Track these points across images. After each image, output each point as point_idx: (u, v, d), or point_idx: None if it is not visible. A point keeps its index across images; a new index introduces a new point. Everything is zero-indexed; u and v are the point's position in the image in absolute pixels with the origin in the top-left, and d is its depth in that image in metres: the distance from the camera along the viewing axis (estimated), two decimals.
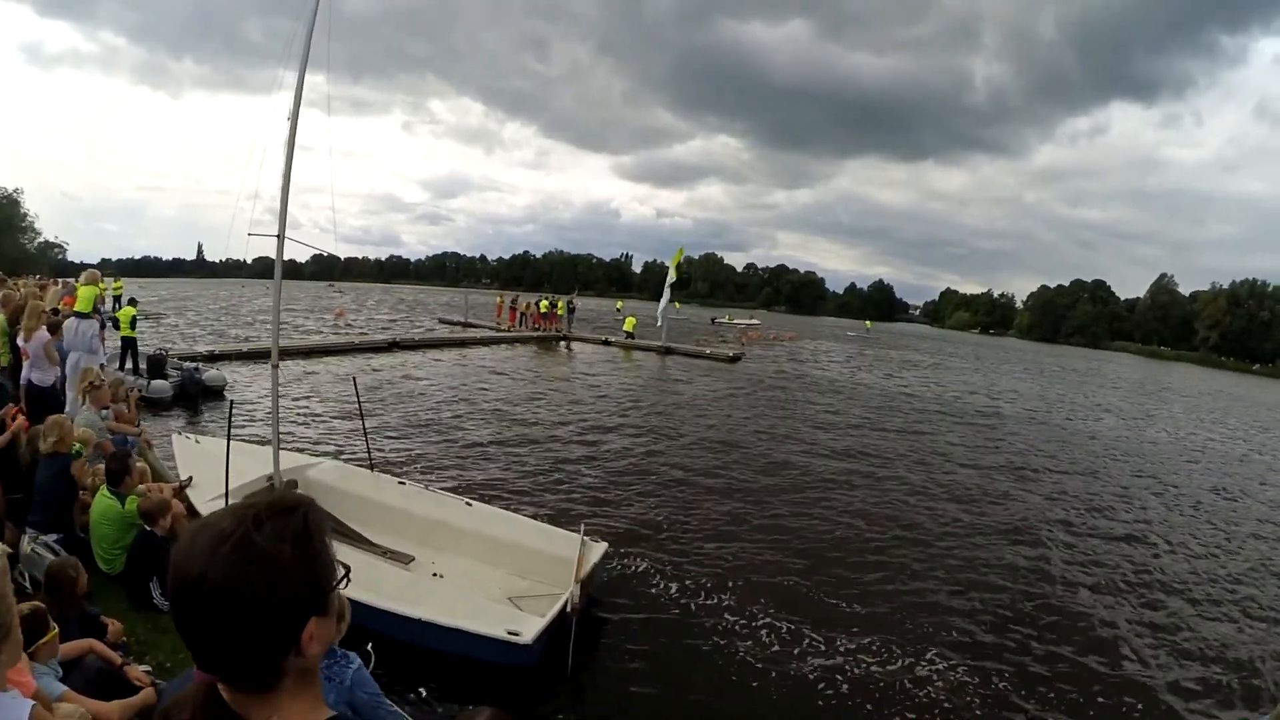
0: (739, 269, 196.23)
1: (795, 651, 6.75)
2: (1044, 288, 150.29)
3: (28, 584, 5.10)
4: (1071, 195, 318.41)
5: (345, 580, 1.16)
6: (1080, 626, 7.94)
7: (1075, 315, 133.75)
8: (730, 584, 8.03)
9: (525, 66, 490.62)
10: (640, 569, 8.26)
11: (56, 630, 3.63)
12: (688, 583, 7.98)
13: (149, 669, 4.52)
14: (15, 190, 67.32)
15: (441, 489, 9.14)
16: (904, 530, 10.48)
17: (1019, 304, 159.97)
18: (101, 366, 9.45)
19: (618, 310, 41.88)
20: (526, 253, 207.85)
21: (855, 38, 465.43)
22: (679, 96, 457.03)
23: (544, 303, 40.59)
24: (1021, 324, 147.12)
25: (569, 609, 5.86)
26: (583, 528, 7.38)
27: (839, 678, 6.36)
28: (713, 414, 18.87)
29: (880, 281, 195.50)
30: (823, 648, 6.84)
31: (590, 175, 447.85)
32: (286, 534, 1.05)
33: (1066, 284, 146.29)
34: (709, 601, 7.61)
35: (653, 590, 7.78)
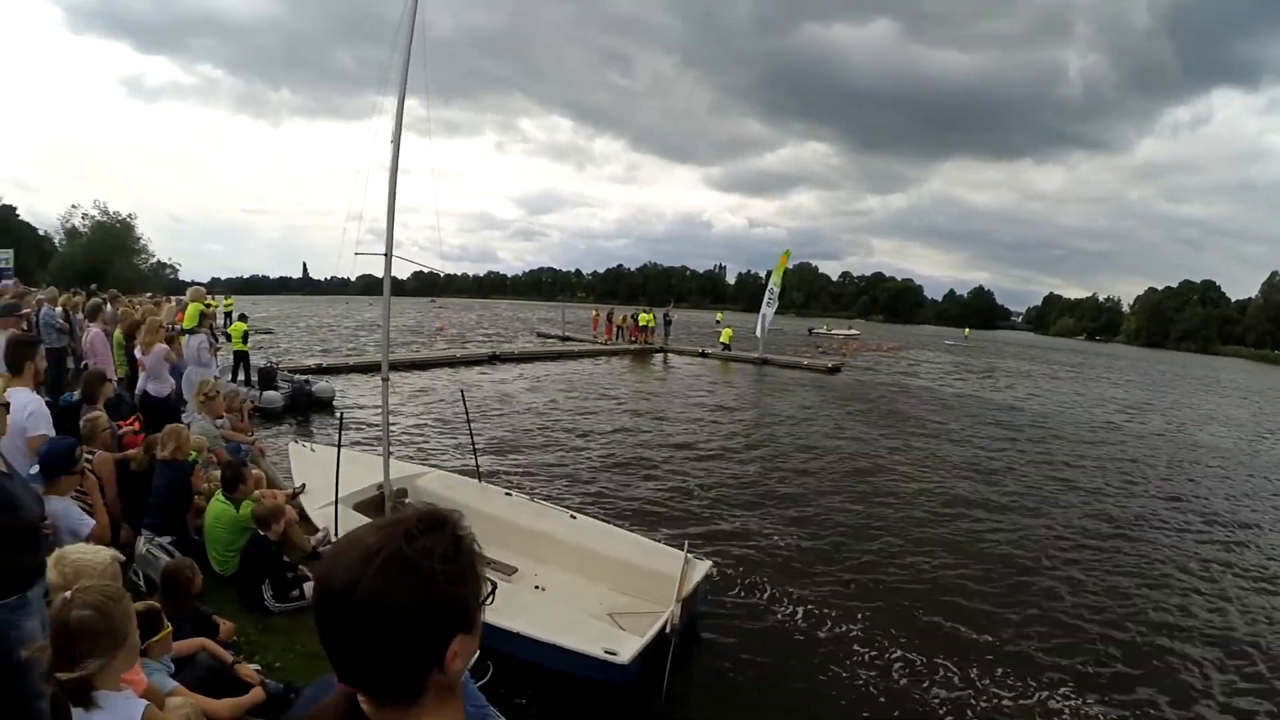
0: (834, 278, 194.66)
1: (904, 681, 6.43)
2: (1151, 290, 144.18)
3: (142, 584, 5.30)
4: (1173, 191, 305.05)
5: (490, 597, 1.13)
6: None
7: (1184, 319, 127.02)
8: (837, 608, 7.71)
9: (610, 82, 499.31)
10: (744, 590, 8.04)
11: (170, 629, 3.72)
12: (791, 605, 7.72)
13: (258, 668, 4.63)
14: (129, 215, 71.05)
15: (546, 501, 9.16)
16: (1026, 553, 9.92)
17: (1125, 308, 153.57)
18: (214, 378, 9.84)
19: (717, 321, 41.88)
20: (620, 266, 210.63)
21: (941, 35, 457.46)
22: (765, 104, 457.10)
23: (643, 316, 40.73)
24: (1129, 329, 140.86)
25: (668, 629, 5.71)
26: (686, 545, 7.22)
27: (952, 709, 6.04)
28: (815, 428, 18.45)
29: (980, 288, 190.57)
30: (938, 678, 6.48)
31: (680, 187, 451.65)
32: (437, 550, 1.04)
33: (1174, 285, 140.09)
34: (813, 626, 7.34)
35: (755, 612, 7.56)
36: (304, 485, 7.74)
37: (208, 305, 13.31)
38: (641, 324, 39.94)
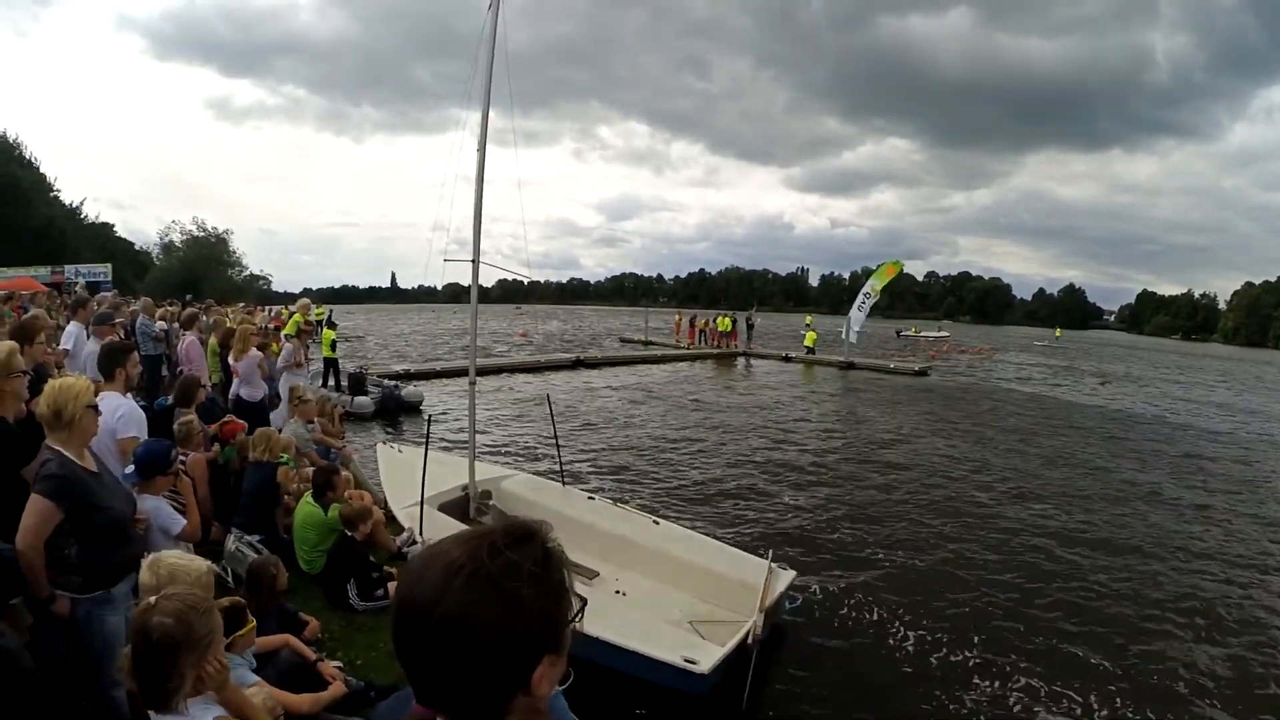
0: (919, 278, 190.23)
1: (996, 699, 6.12)
2: (1249, 285, 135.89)
3: (230, 579, 5.43)
4: (1270, 179, 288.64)
5: (580, 615, 1.05)
6: None
7: None
8: (927, 623, 7.37)
9: (686, 85, 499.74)
10: (829, 601, 7.78)
11: (254, 625, 3.77)
12: (879, 619, 7.44)
13: (340, 664, 4.68)
14: (225, 231, 74.32)
15: (629, 505, 9.10)
16: (1140, 569, 9.33)
17: (1221, 305, 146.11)
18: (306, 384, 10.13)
19: (807, 325, 41.45)
20: (702, 270, 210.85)
21: (1020, 22, 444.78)
22: (843, 102, 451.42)
23: (723, 320, 40.49)
24: (1225, 328, 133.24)
25: (750, 640, 5.58)
26: (770, 553, 7.07)
27: None
28: (904, 434, 17.95)
29: (1071, 286, 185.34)
30: (1034, 698, 6.15)
31: (759, 189, 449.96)
32: (524, 565, 0.97)
33: (1273, 280, 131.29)
34: (902, 640, 7.04)
35: (841, 625, 7.31)
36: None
37: (306, 321, 13.72)
38: (720, 329, 39.67)
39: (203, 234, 71.88)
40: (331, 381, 18.48)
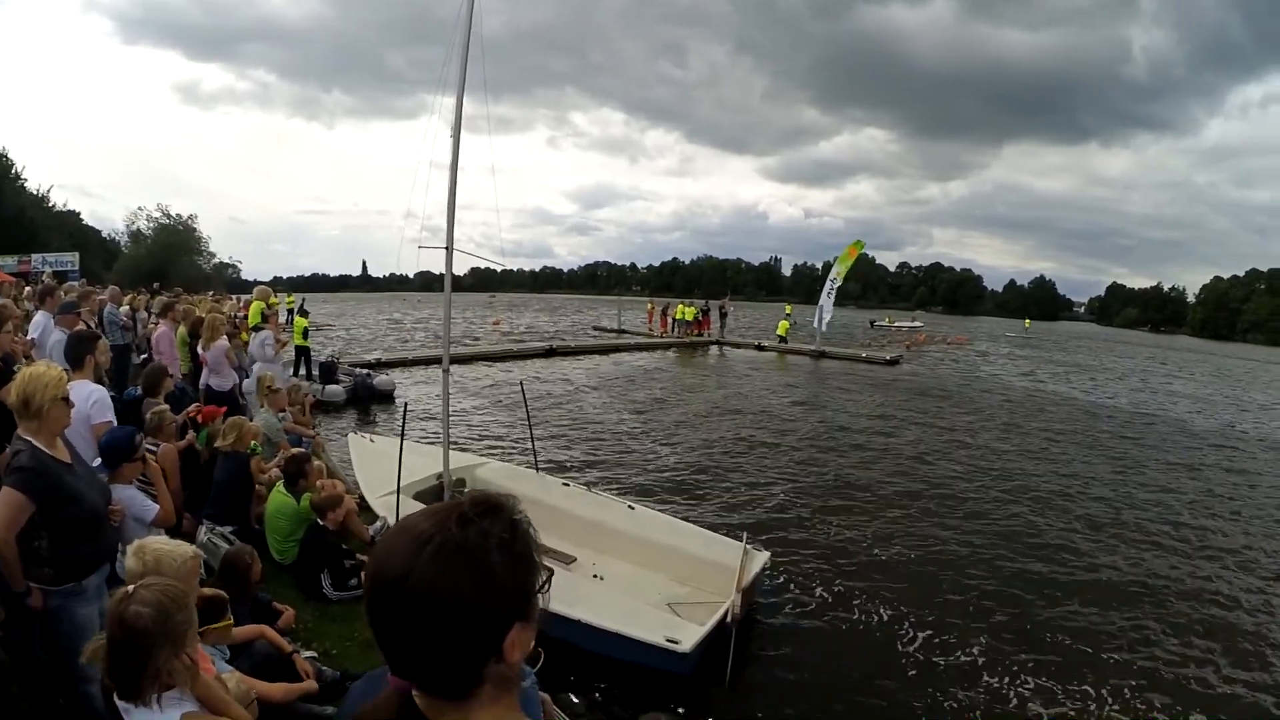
0: (891, 268, 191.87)
1: (969, 673, 6.26)
2: (1217, 280, 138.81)
3: (203, 571, 5.38)
4: (1244, 175, 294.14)
5: (548, 585, 1.08)
6: None
7: (1250, 310, 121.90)
8: (899, 601, 7.54)
9: (664, 73, 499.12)
10: (804, 580, 7.90)
11: (231, 620, 3.75)
12: (853, 597, 7.57)
13: (314, 655, 4.66)
14: (190, 216, 73.40)
15: (604, 491, 9.14)
16: (1104, 553, 9.55)
17: (1190, 298, 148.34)
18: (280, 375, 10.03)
19: (787, 314, 41.69)
20: (675, 259, 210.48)
21: (1002, 13, 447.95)
22: (822, 91, 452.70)
23: (683, 309, 40.48)
24: (1194, 320, 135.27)
25: (729, 619, 5.67)
26: (745, 535, 7.15)
27: (1000, 701, 5.86)
28: (875, 420, 18.12)
29: (1041, 278, 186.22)
30: (1007, 676, 6.26)
31: (735, 179, 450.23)
32: (493, 535, 1.00)
33: (1242, 275, 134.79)
34: (872, 617, 7.19)
35: (816, 603, 7.42)
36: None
37: (269, 305, 13.60)
38: (678, 316, 39.69)
39: (169, 220, 70.98)
40: (303, 370, 18.30)
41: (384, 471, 7.47)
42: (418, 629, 0.96)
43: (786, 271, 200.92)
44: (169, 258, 64.32)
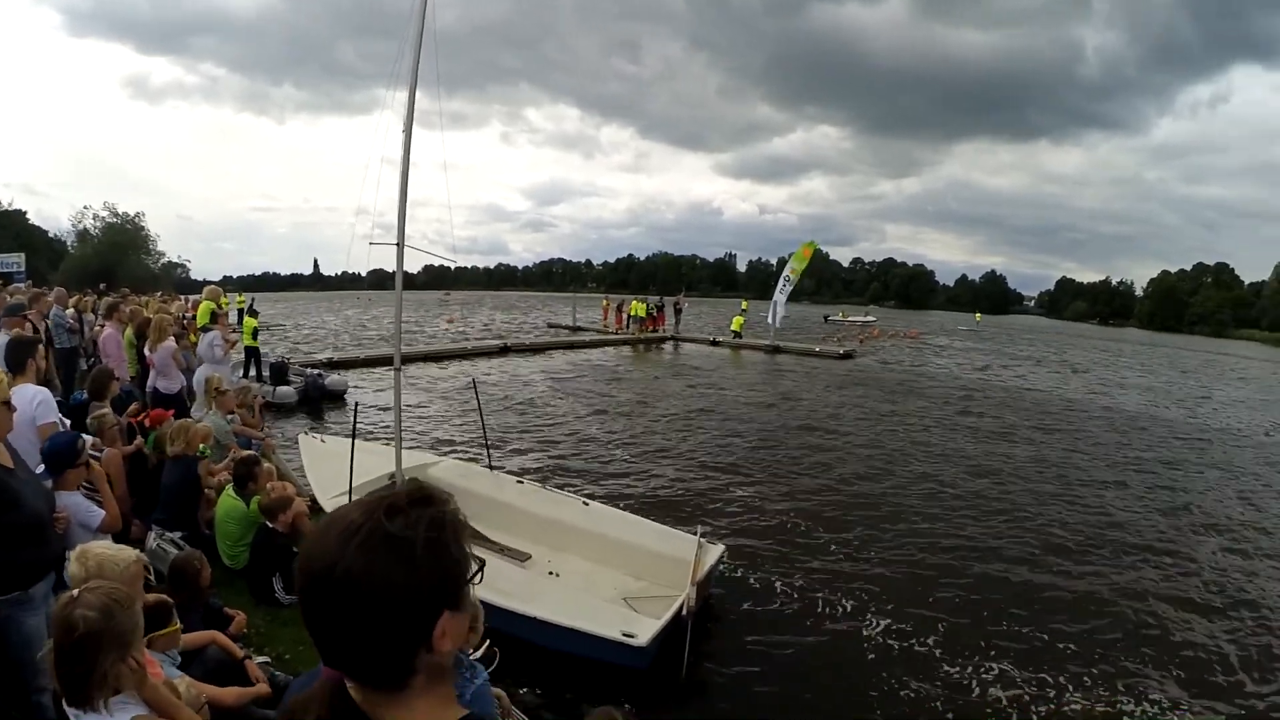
0: (845, 264, 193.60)
1: (918, 661, 6.40)
2: (1165, 274, 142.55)
3: (152, 578, 5.29)
4: (1193, 172, 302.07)
5: (479, 575, 1.09)
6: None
7: (1197, 302, 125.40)
8: (851, 589, 7.69)
9: (618, 69, 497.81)
10: (758, 572, 8.00)
11: (179, 626, 3.70)
12: (806, 587, 7.69)
13: (267, 660, 4.61)
14: (138, 214, 71.18)
15: (558, 488, 9.16)
16: (1044, 540, 9.77)
17: (1139, 291, 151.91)
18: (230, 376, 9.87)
19: (743, 309, 41.98)
20: (631, 256, 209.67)
21: (958, 13, 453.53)
22: (776, 88, 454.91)
23: (636, 305, 40.63)
24: (1141, 313, 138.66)
25: (684, 611, 5.73)
26: (699, 529, 7.23)
27: (958, 691, 5.98)
28: (827, 414, 18.34)
29: (992, 272, 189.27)
30: (954, 661, 6.43)
31: (690, 175, 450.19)
32: (420, 525, 1.00)
33: (1188, 269, 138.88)
34: (828, 606, 7.31)
35: (770, 594, 7.53)
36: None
37: (220, 305, 13.38)
38: (632, 313, 39.82)
39: (115, 219, 69.10)
40: (253, 371, 17.99)
41: (335, 472, 7.39)
42: (346, 618, 0.96)
43: (741, 267, 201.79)
44: (116, 257, 62.43)
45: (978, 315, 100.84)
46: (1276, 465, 15.32)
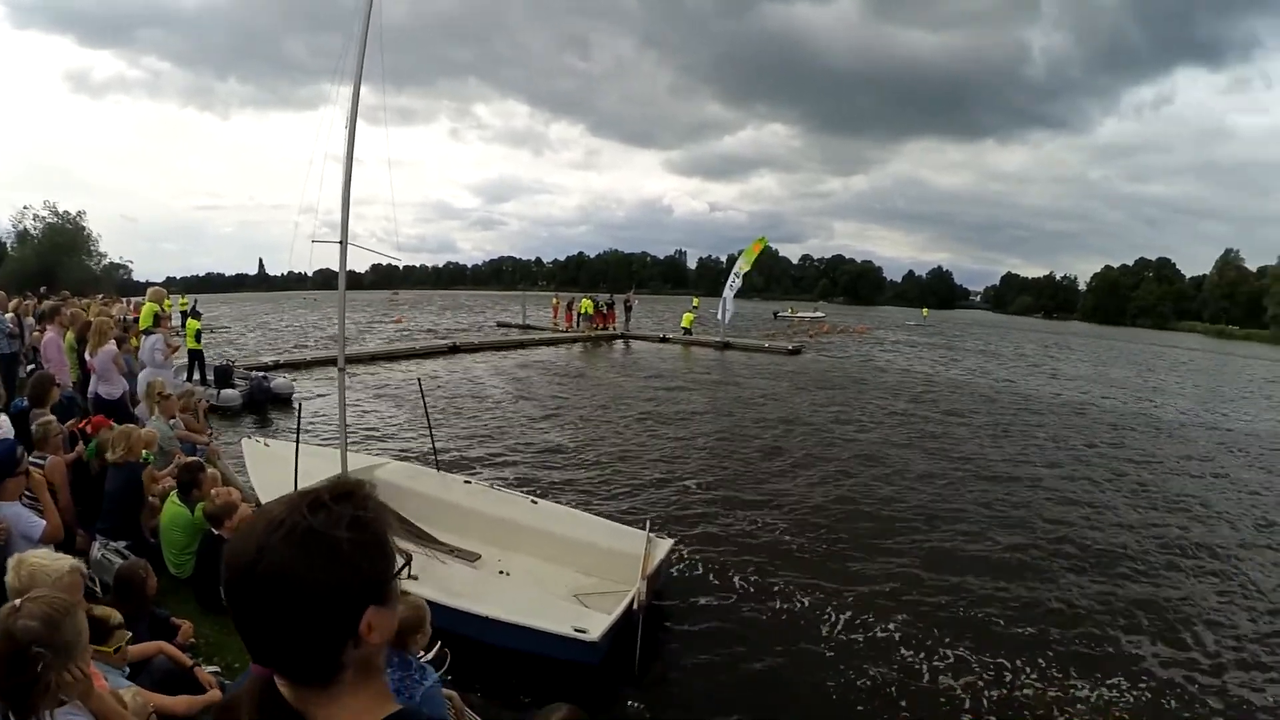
0: (794, 260, 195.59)
1: (864, 647, 6.58)
2: (1107, 268, 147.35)
3: (98, 589, 5.21)
4: (1136, 171, 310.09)
5: (406, 569, 1.10)
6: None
7: (1140, 296, 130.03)
8: (802, 581, 7.83)
9: (569, 66, 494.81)
10: (708, 565, 8.11)
11: (128, 637, 3.68)
12: (756, 579, 7.82)
13: (217, 669, 4.57)
14: (79, 213, 69.42)
15: (506, 488, 9.17)
16: (984, 526, 10.08)
17: (1082, 286, 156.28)
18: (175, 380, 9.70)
19: (695, 306, 42.22)
20: (581, 253, 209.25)
21: (907, 14, 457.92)
22: (727, 86, 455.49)
23: (585, 302, 40.81)
24: (1085, 307, 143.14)
25: (635, 606, 5.79)
26: (648, 524, 7.32)
27: (913, 677, 6.13)
28: (776, 409, 18.60)
29: (939, 268, 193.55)
30: (903, 648, 6.60)
31: (640, 172, 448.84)
32: (342, 519, 1.01)
33: (1130, 264, 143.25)
34: (780, 598, 7.44)
35: (720, 586, 7.64)
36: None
37: (163, 307, 13.11)
38: (584, 311, 39.97)
39: (55, 218, 67.15)
40: (197, 375, 17.65)
41: (280, 477, 7.29)
42: (271, 614, 0.97)
43: (692, 265, 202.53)
44: (57, 259, 60.82)
45: (925, 310, 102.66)
46: (1233, 451, 16.01)
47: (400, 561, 1.10)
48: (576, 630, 5.45)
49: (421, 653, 3.71)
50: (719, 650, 6.41)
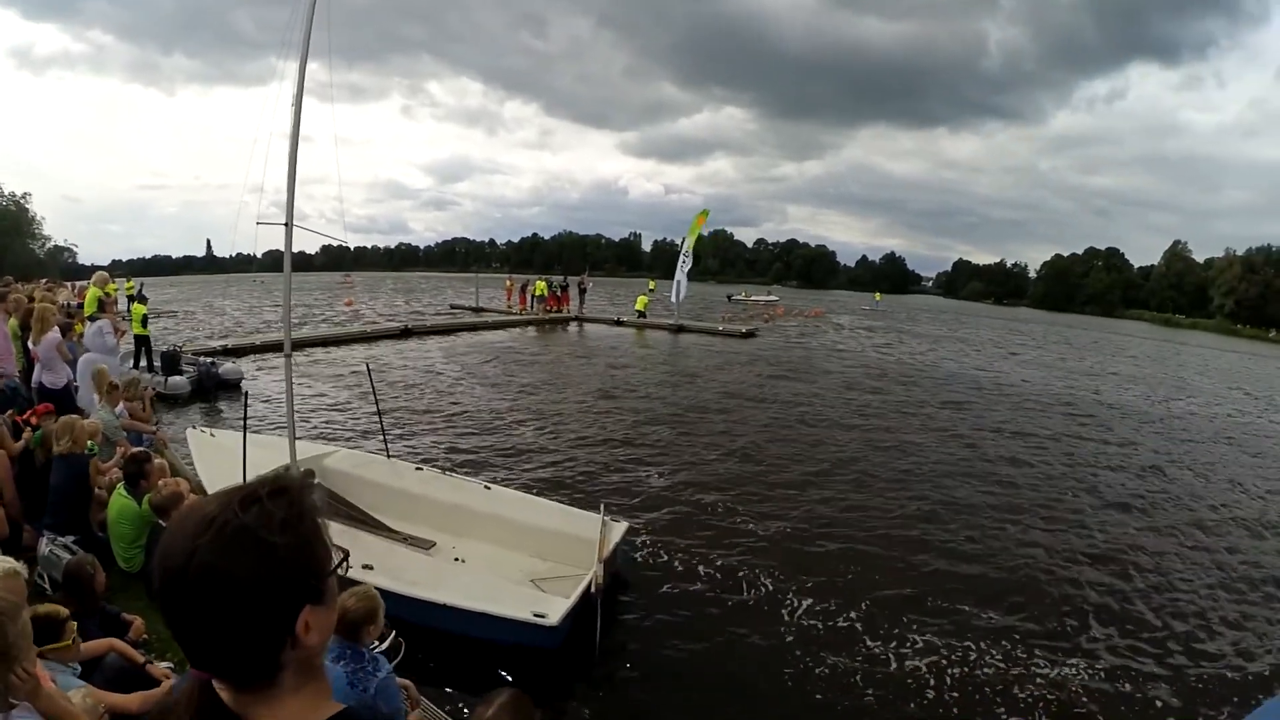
0: (749, 244, 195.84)
1: (822, 629, 6.71)
2: (1057, 256, 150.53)
3: (47, 586, 5.10)
4: (1087, 163, 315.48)
5: (344, 565, 1.09)
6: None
7: (1089, 284, 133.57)
8: (759, 564, 7.94)
9: (523, 44, 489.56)
10: (663, 547, 8.20)
11: (76, 638, 3.62)
12: (713, 560, 7.93)
13: (170, 665, 4.51)
14: (23, 195, 67.33)
15: (459, 473, 9.14)
16: (941, 509, 10.30)
17: (1032, 273, 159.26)
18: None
19: (651, 289, 42.19)
20: (535, 235, 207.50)
21: (866, 2, 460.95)
22: (683, 69, 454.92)
23: (539, 284, 40.74)
24: (1035, 294, 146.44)
25: (593, 589, 5.84)
26: (603, 507, 7.37)
27: (874, 663, 6.25)
28: (731, 393, 18.74)
29: (892, 254, 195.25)
30: (866, 631, 6.73)
31: (595, 153, 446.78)
32: (276, 515, 0.99)
33: (1080, 253, 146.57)
34: (735, 579, 7.56)
35: (677, 568, 7.74)
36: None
37: (107, 292, 12.80)
38: (537, 293, 39.88)
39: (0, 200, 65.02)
40: (144, 362, 17.25)
41: (227, 467, 7.15)
42: (204, 616, 0.94)
43: (647, 247, 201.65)
44: (1, 243, 58.97)
45: (878, 295, 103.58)
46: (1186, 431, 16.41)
47: (337, 558, 1.08)
48: (535, 615, 5.48)
49: (375, 643, 3.70)
50: (679, 633, 6.49)
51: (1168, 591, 7.99)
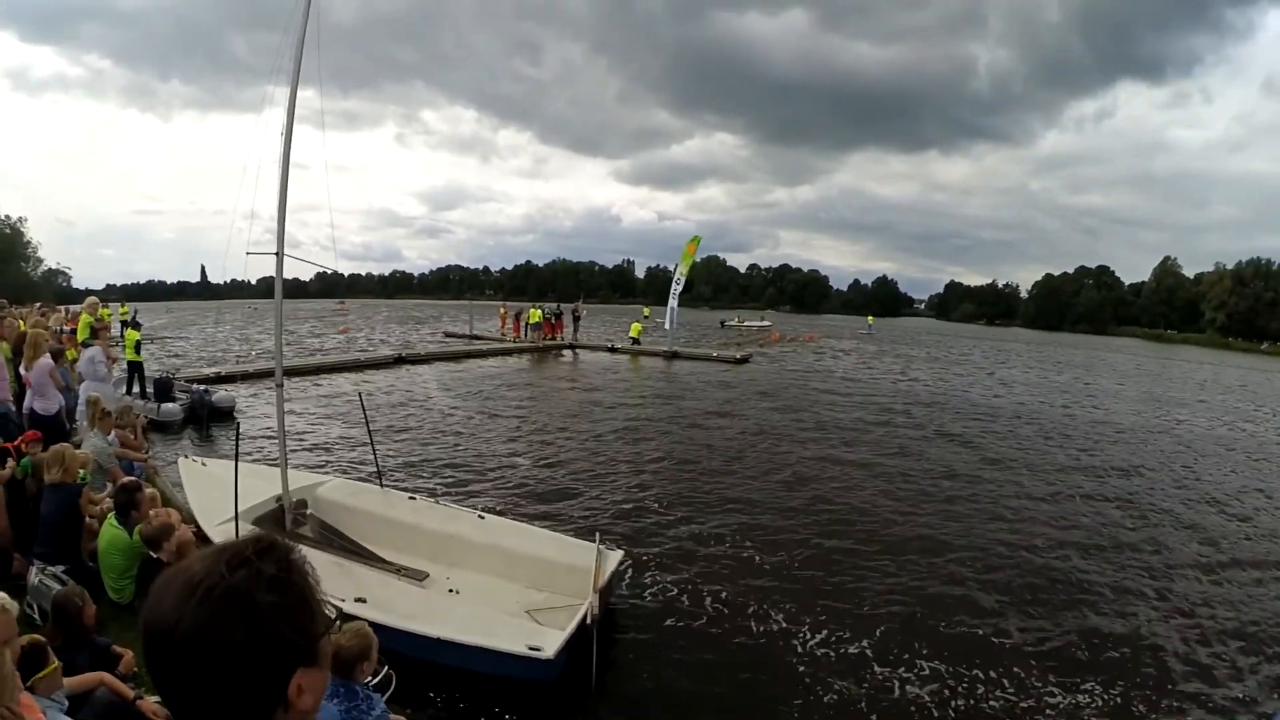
0: (742, 270, 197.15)
1: (824, 659, 6.62)
2: (1049, 276, 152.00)
3: (37, 616, 5.03)
4: (1075, 182, 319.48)
5: (337, 625, 1.07)
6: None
7: (1080, 302, 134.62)
8: (759, 592, 7.88)
9: (517, 71, 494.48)
10: (660, 576, 8.13)
11: (57, 665, 3.55)
12: (710, 589, 7.85)
13: (160, 699, 4.43)
14: (19, 219, 67.39)
15: (453, 503, 9.06)
16: (932, 533, 10.25)
17: (1024, 294, 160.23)
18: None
19: (645, 316, 42.31)
20: (529, 262, 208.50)
21: (855, 27, 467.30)
22: (675, 95, 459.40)
23: (533, 312, 40.55)
24: (1026, 313, 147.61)
25: (589, 620, 5.77)
26: (598, 536, 7.31)
27: (881, 691, 6.17)
28: (724, 418, 18.71)
29: (884, 277, 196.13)
30: (869, 659, 6.66)
31: (588, 181, 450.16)
32: (264, 576, 0.96)
33: (1071, 271, 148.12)
34: (733, 608, 7.49)
35: (676, 599, 7.65)
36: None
37: (98, 318, 12.77)
38: (532, 321, 39.77)
39: None
40: (136, 388, 17.17)
41: (219, 497, 7.11)
42: (192, 679, 0.91)
43: (640, 274, 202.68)
44: None
45: (870, 318, 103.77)
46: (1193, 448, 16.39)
47: (330, 616, 1.05)
48: (531, 648, 5.40)
49: (368, 679, 3.64)
50: (676, 663, 6.42)
51: (1187, 618, 7.89)
